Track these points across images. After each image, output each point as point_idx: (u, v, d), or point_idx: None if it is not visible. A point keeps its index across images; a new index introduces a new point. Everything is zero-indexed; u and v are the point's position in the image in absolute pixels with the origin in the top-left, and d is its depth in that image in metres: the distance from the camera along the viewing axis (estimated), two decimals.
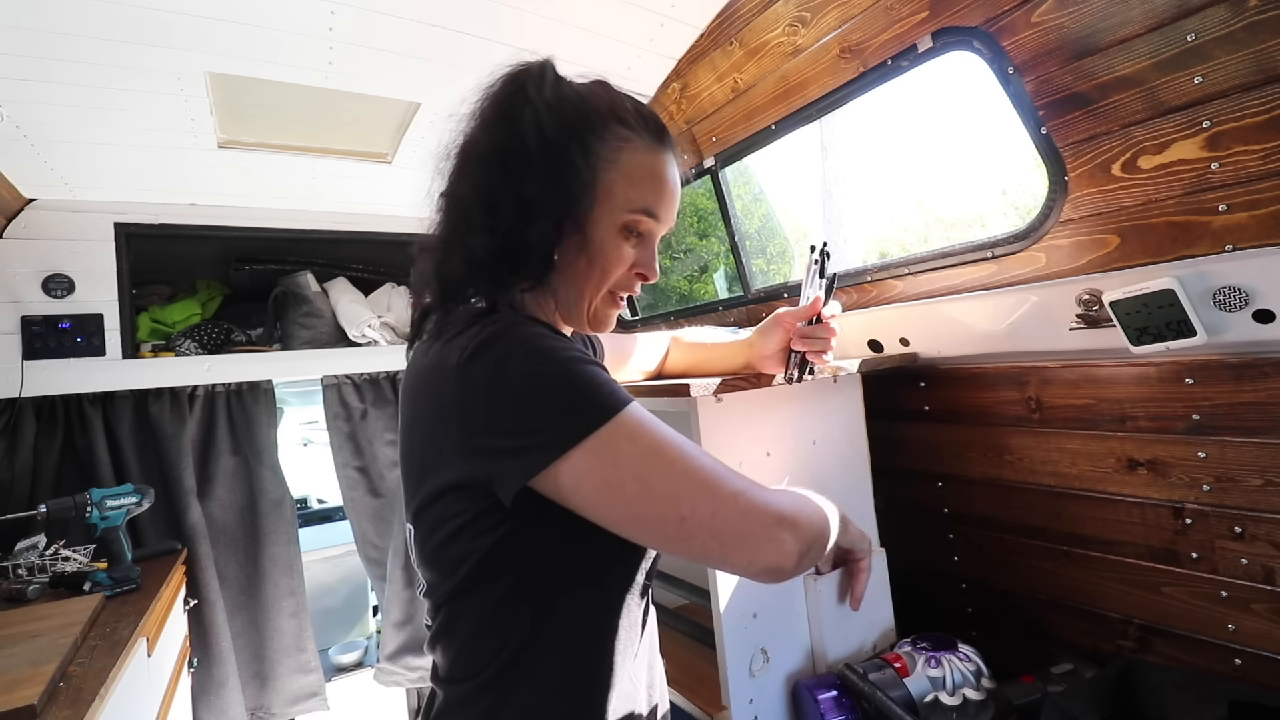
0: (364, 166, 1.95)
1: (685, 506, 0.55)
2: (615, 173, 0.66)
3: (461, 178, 0.67)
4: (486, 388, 0.55)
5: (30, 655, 1.06)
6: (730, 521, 0.55)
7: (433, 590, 0.65)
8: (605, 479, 0.54)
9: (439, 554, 0.62)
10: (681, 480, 0.55)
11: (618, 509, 0.56)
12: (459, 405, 0.56)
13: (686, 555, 0.57)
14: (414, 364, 0.67)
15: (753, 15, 1.32)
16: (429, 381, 0.61)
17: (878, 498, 1.27)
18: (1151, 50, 0.83)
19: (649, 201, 0.67)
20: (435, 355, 0.61)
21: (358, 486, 2.36)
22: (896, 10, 1.10)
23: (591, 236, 0.66)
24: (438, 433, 0.59)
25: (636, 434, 0.55)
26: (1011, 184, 10.70)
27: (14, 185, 1.73)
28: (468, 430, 0.56)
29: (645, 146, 0.67)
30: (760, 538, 0.56)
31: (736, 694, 1.04)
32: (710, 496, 0.55)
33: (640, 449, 0.55)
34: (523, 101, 0.64)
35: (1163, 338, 0.91)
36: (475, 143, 0.67)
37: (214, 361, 2.08)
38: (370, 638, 3.04)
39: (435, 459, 0.60)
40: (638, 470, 0.55)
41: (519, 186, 0.63)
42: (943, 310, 1.23)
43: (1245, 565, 0.95)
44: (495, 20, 1.32)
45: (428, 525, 0.63)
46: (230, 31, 1.23)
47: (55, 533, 1.67)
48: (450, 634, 0.64)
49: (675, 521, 0.55)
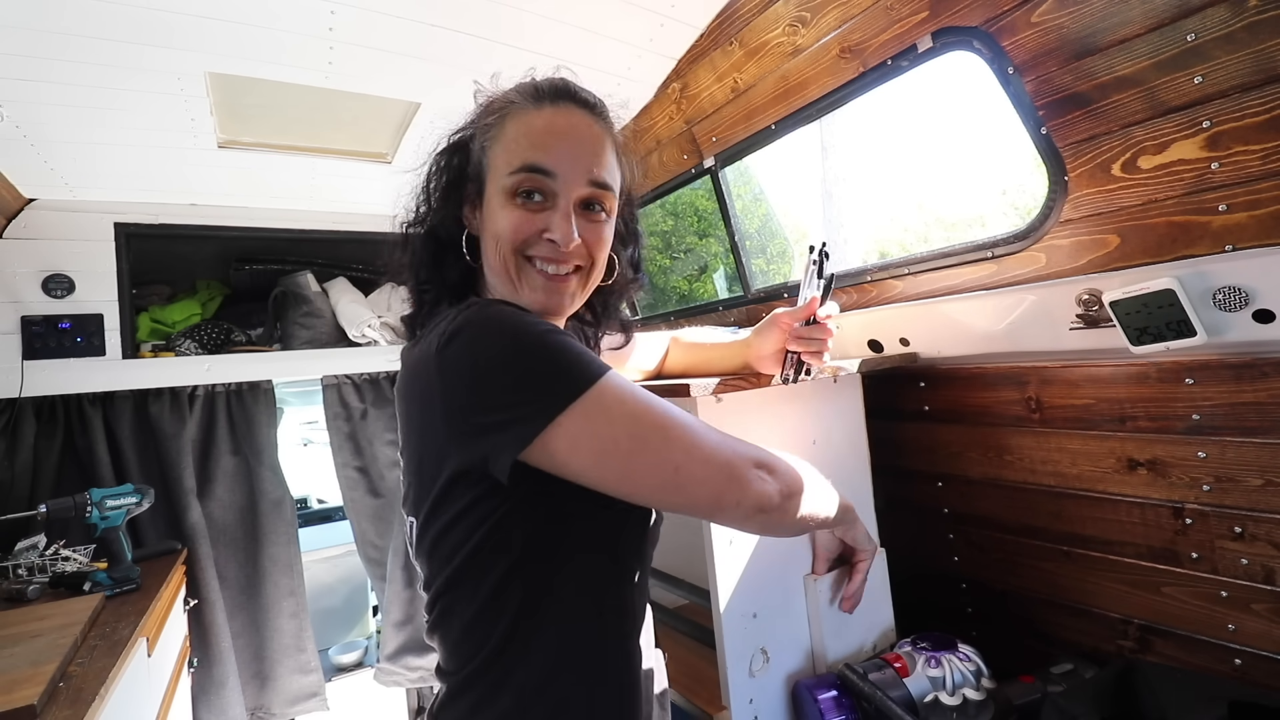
0: (364, 166, 1.95)
1: (679, 455, 0.58)
2: (497, 146, 0.69)
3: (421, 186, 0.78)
4: (467, 368, 0.56)
5: (30, 655, 1.06)
6: (719, 465, 0.59)
7: (431, 582, 0.66)
8: (599, 437, 0.56)
9: (436, 545, 0.63)
10: (673, 432, 0.58)
11: (613, 466, 0.57)
12: (443, 390, 0.57)
13: (681, 506, 0.60)
14: (404, 363, 0.69)
15: (753, 15, 1.32)
16: (416, 374, 0.63)
17: (878, 498, 1.27)
18: (1151, 50, 0.83)
19: (526, 157, 0.67)
20: (419, 349, 0.63)
21: (358, 486, 2.36)
22: (896, 10, 1.10)
23: (486, 210, 0.70)
24: (428, 423, 0.60)
25: (623, 395, 0.58)
26: (1011, 184, 10.70)
27: (14, 185, 1.73)
28: (455, 413, 0.57)
29: (520, 109, 0.69)
30: (745, 478, 0.60)
31: (736, 694, 1.04)
32: (700, 445, 0.59)
33: (630, 408, 0.57)
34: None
35: (1163, 338, 0.91)
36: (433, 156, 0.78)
37: (214, 361, 2.08)
38: (370, 638, 3.04)
39: (430, 450, 0.61)
40: (630, 427, 0.57)
41: (429, 189, 0.74)
42: (943, 310, 1.23)
43: (1245, 565, 0.95)
44: (495, 20, 1.32)
45: (426, 517, 0.63)
46: (230, 31, 1.23)
47: (55, 533, 1.67)
48: (448, 623, 0.65)
49: (670, 470, 0.58)
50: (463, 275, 0.73)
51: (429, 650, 2.39)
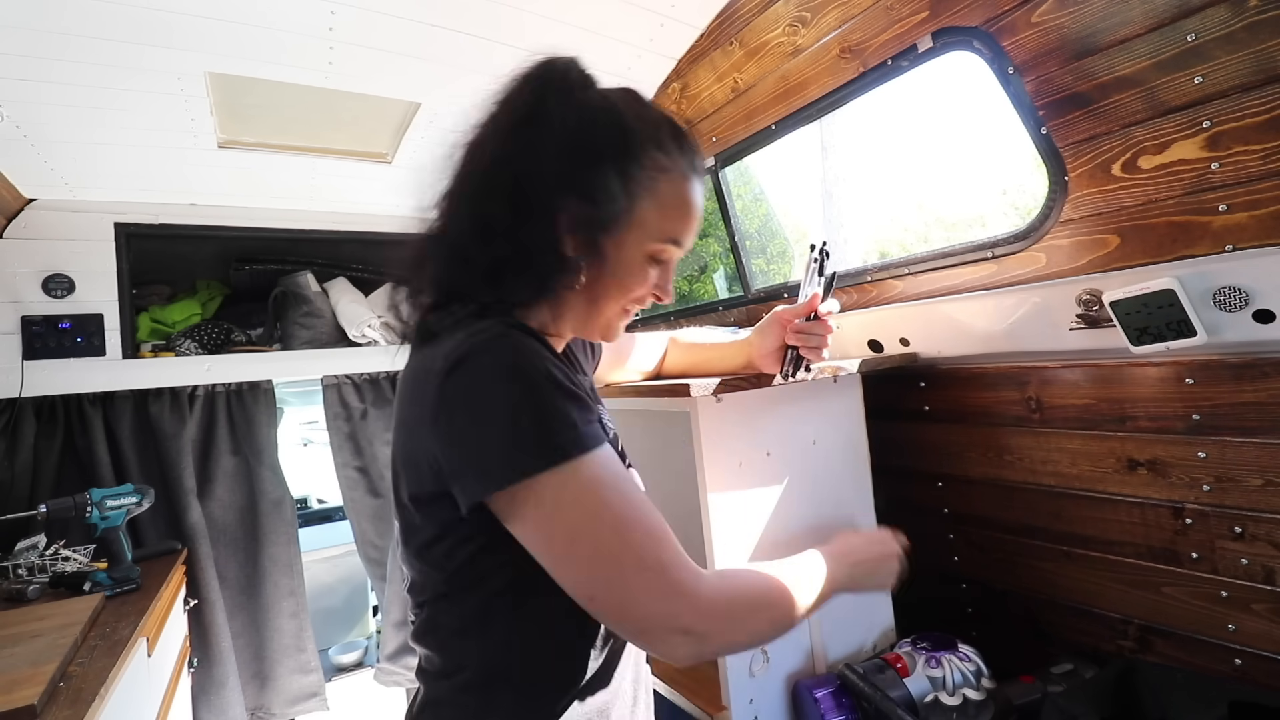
0: (364, 166, 1.95)
1: (598, 590, 0.55)
2: (650, 201, 0.65)
3: (474, 185, 0.65)
4: (460, 404, 0.55)
5: (30, 655, 1.06)
6: (633, 620, 0.56)
7: (417, 589, 0.66)
8: (540, 529, 0.55)
9: (421, 556, 0.63)
10: (604, 565, 0.55)
11: (542, 554, 0.56)
12: (435, 417, 0.56)
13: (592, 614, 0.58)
14: (408, 364, 0.67)
15: (753, 15, 1.32)
16: (416, 383, 0.61)
17: (878, 498, 1.27)
18: (1151, 50, 0.83)
19: (678, 231, 0.68)
20: (424, 358, 0.61)
21: (358, 486, 2.36)
22: (896, 10, 1.10)
23: (619, 260, 0.65)
24: (418, 439, 0.59)
25: (583, 494, 0.55)
26: (1011, 184, 10.70)
27: (14, 185, 1.73)
28: (441, 440, 0.56)
29: (681, 175, 0.67)
30: (656, 641, 0.56)
31: (736, 694, 1.04)
32: (625, 590, 0.55)
33: (579, 515, 0.54)
34: (546, 116, 0.62)
35: (1163, 338, 0.91)
36: (494, 151, 0.64)
37: (214, 361, 2.08)
38: (370, 638, 3.04)
39: (416, 464, 0.60)
40: (570, 535, 0.55)
41: (541, 205, 0.61)
42: (943, 310, 1.23)
43: (1245, 565, 0.95)
44: (495, 20, 1.32)
45: (409, 526, 0.63)
46: (230, 31, 1.23)
47: (55, 533, 1.67)
48: (432, 633, 0.65)
49: (585, 597, 0.56)
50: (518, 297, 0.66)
51: None
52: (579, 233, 0.62)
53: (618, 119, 0.64)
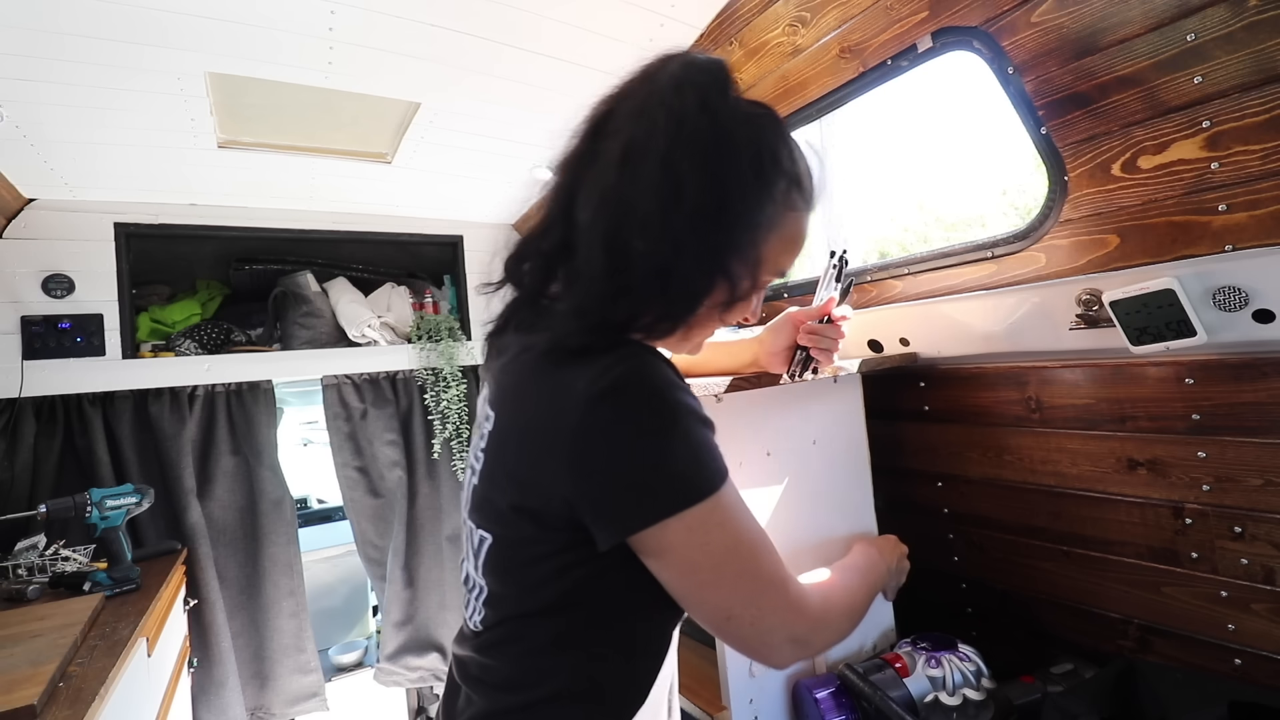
0: (364, 166, 1.95)
1: (736, 607, 0.58)
2: (777, 237, 0.63)
3: (646, 201, 0.56)
4: (611, 435, 0.54)
5: (30, 655, 1.06)
6: (760, 632, 0.59)
7: (497, 601, 0.64)
8: (687, 557, 0.56)
9: (515, 572, 0.62)
10: (745, 584, 0.58)
11: (683, 584, 0.58)
12: (579, 443, 0.54)
13: (716, 635, 0.62)
14: (516, 363, 0.63)
15: (752, 15, 1.32)
16: (547, 397, 0.57)
17: (878, 498, 1.27)
18: (1151, 50, 0.83)
19: (789, 264, 0.68)
20: (555, 371, 0.57)
21: (358, 486, 2.36)
22: (896, 10, 1.10)
23: (739, 289, 0.62)
24: (546, 458, 0.57)
25: (726, 520, 0.57)
26: (1011, 184, 10.69)
27: (14, 185, 1.73)
28: (582, 471, 0.55)
29: (807, 213, 0.66)
30: (773, 650, 0.60)
31: (736, 694, 1.04)
32: (758, 606, 0.58)
33: (725, 539, 0.57)
34: (731, 147, 0.57)
35: (1163, 338, 0.91)
36: (681, 175, 0.55)
37: (214, 361, 2.08)
38: (370, 638, 3.04)
39: (535, 481, 0.58)
40: (716, 560, 0.57)
41: (710, 231, 0.57)
42: (943, 310, 1.23)
43: (1245, 565, 0.95)
44: (495, 20, 1.32)
45: (509, 541, 0.62)
46: (230, 31, 1.23)
47: (55, 533, 1.67)
48: (511, 647, 0.64)
49: (722, 616, 0.58)
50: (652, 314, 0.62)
51: (429, 650, 2.39)
52: (736, 266, 0.60)
53: (787, 158, 0.62)
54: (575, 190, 0.61)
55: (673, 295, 0.59)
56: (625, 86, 0.62)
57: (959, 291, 1.21)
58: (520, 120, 1.72)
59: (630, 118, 0.58)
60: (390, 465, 2.36)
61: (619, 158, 0.57)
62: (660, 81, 0.58)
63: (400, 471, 2.35)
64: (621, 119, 0.59)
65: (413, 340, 2.41)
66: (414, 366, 2.41)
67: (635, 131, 0.57)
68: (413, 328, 2.42)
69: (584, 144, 0.63)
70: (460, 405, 2.42)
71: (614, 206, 0.57)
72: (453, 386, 2.41)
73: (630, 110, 0.59)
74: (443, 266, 2.64)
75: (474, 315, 2.58)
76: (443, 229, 2.52)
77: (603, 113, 0.62)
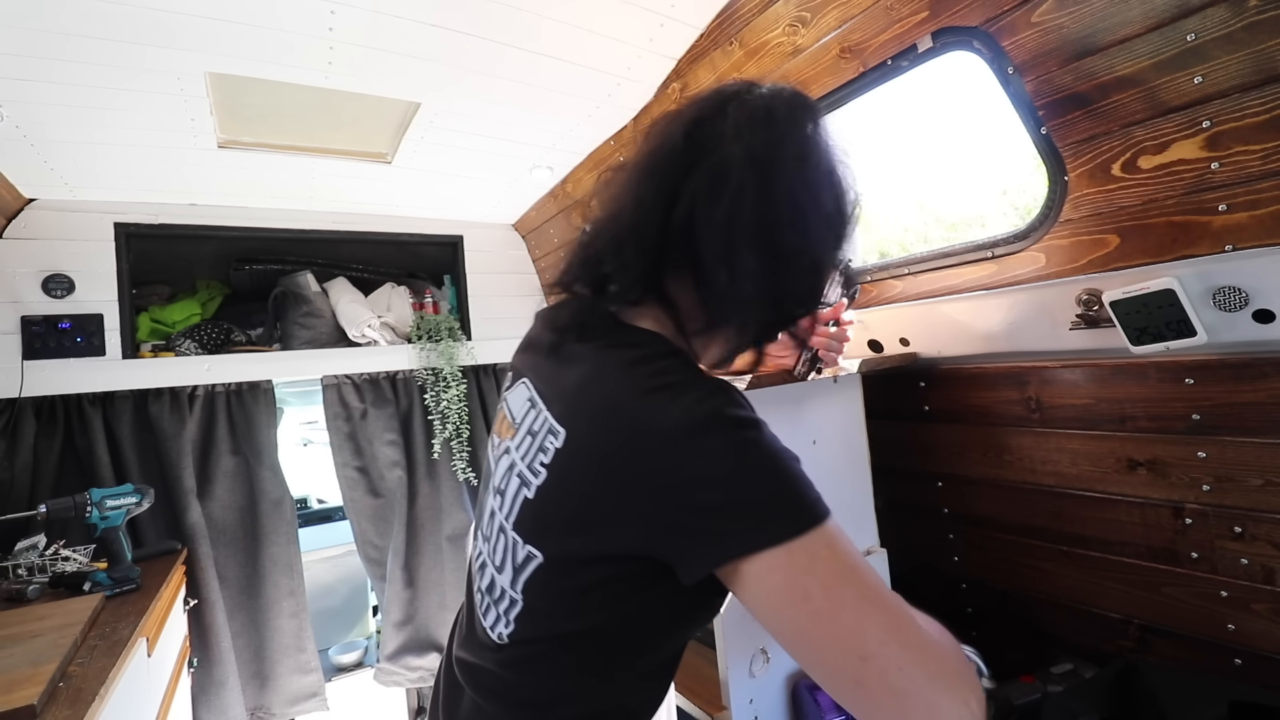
0: (364, 166, 1.95)
1: (872, 643, 0.47)
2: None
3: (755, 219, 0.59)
4: (708, 467, 0.51)
5: (30, 655, 1.06)
6: (917, 682, 0.46)
7: (536, 618, 0.61)
8: (791, 582, 0.49)
9: (566, 595, 0.59)
10: (873, 611, 0.48)
11: (793, 619, 0.50)
12: (668, 476, 0.51)
13: (847, 701, 0.49)
14: (597, 381, 0.59)
15: (753, 15, 1.32)
16: (631, 425, 0.54)
17: (878, 497, 1.27)
18: (1151, 50, 0.83)
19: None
20: (643, 400, 0.55)
21: (358, 486, 2.36)
22: (896, 10, 1.10)
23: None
24: (630, 490, 0.53)
25: (836, 546, 0.50)
26: (1011, 184, 10.67)
27: (14, 185, 1.73)
28: (670, 503, 0.52)
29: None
30: (946, 711, 0.46)
31: (736, 694, 1.04)
32: (901, 643, 0.47)
33: (838, 563, 0.50)
34: (823, 162, 0.63)
35: (1163, 338, 0.91)
36: (794, 197, 0.61)
37: (214, 361, 2.08)
38: (370, 638, 3.04)
39: (611, 512, 0.54)
40: (829, 583, 0.49)
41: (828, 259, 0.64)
42: (943, 310, 1.23)
43: (1245, 565, 0.95)
44: (496, 20, 1.32)
45: (563, 564, 0.58)
46: (230, 31, 1.23)
47: (55, 533, 1.67)
48: (543, 665, 0.62)
49: (856, 657, 0.47)
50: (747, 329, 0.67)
51: (429, 650, 2.39)
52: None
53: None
54: (676, 196, 0.61)
55: (806, 296, 0.64)
56: (709, 103, 0.65)
57: (959, 291, 1.21)
58: (520, 120, 1.72)
59: (746, 126, 0.61)
60: (390, 465, 2.35)
61: (746, 164, 0.59)
62: (762, 98, 0.63)
63: (400, 471, 2.35)
64: (733, 126, 0.61)
65: (413, 340, 2.40)
66: (414, 366, 2.41)
67: (756, 139, 0.60)
68: (413, 328, 2.42)
69: (680, 153, 0.63)
70: (460, 405, 2.42)
71: (759, 210, 0.59)
72: (453, 386, 2.41)
73: (742, 120, 0.62)
74: (443, 266, 2.64)
75: (474, 315, 2.58)
76: (443, 229, 2.52)
77: (694, 121, 0.64)
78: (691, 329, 0.66)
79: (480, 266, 2.61)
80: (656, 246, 0.62)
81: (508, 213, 2.53)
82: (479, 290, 2.61)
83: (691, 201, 0.60)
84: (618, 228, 0.65)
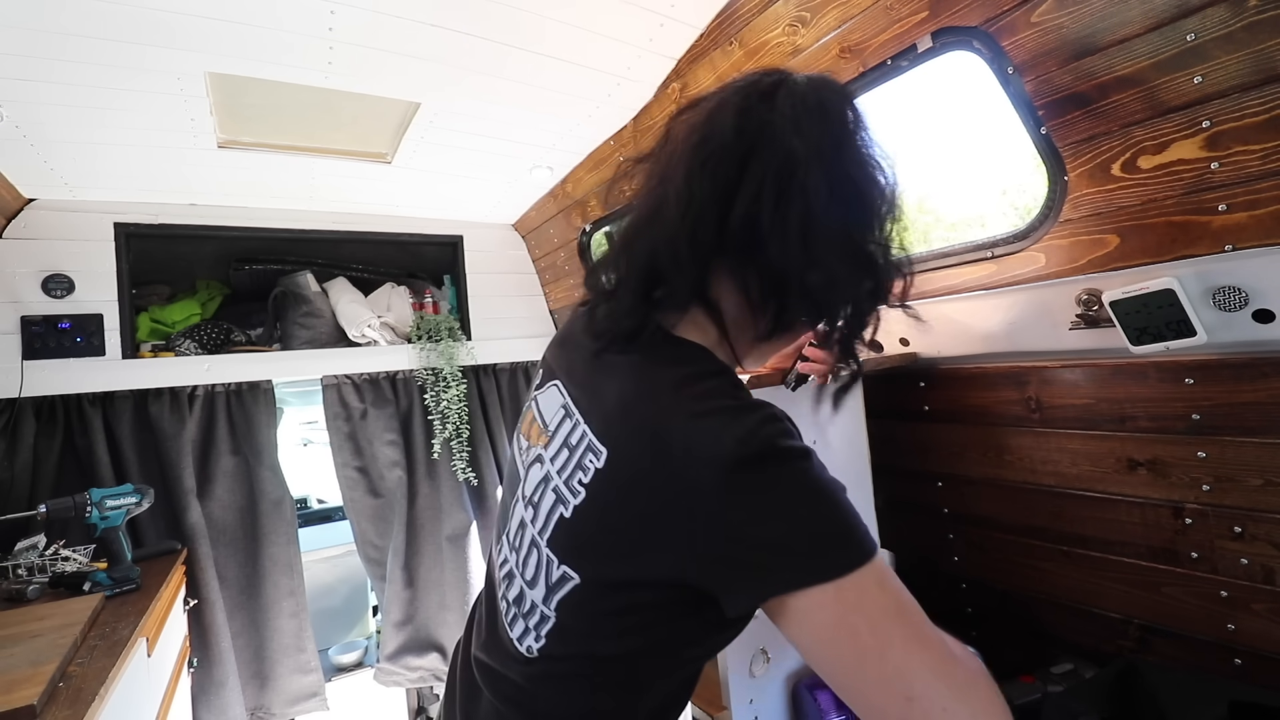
0: (364, 166, 1.95)
1: (918, 684, 0.46)
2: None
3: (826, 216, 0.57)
4: (760, 500, 0.49)
5: (30, 655, 1.06)
6: (971, 711, 0.46)
7: (569, 636, 0.59)
8: (839, 620, 0.48)
9: (602, 617, 0.57)
10: (920, 651, 0.47)
11: (839, 657, 0.49)
12: (714, 508, 0.50)
13: None
14: (641, 399, 0.57)
15: (752, 15, 1.32)
16: (684, 453, 0.51)
17: (878, 497, 1.28)
18: (1151, 50, 0.83)
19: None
20: (694, 423, 0.52)
21: (358, 486, 2.36)
22: (896, 10, 1.10)
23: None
24: (679, 518, 0.51)
25: (885, 583, 0.49)
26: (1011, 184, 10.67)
27: (14, 185, 1.73)
28: (719, 535, 0.50)
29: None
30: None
31: (737, 694, 1.04)
32: (946, 684, 0.47)
33: (887, 600, 0.49)
34: (874, 152, 0.62)
35: (1162, 338, 0.91)
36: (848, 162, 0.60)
37: (214, 361, 2.08)
38: (370, 638, 3.04)
39: (657, 540, 0.53)
40: (877, 621, 0.48)
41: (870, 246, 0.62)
42: (943, 310, 1.23)
43: (1245, 565, 0.95)
44: (495, 19, 1.32)
45: (602, 588, 0.56)
46: (230, 31, 1.23)
47: (55, 533, 1.67)
48: (573, 683, 0.61)
49: (902, 698, 0.46)
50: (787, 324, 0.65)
51: (429, 650, 2.39)
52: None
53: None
54: (732, 191, 0.58)
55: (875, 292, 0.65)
56: (751, 92, 0.61)
57: (959, 291, 1.21)
58: (520, 120, 1.72)
59: (804, 118, 0.58)
60: (390, 465, 2.35)
61: (813, 159, 0.57)
62: (810, 88, 0.61)
63: (400, 471, 2.35)
64: (789, 119, 0.58)
65: (413, 340, 2.41)
66: (414, 366, 2.41)
67: (817, 133, 0.58)
68: (413, 328, 2.42)
69: (730, 145, 0.59)
70: (460, 405, 2.42)
71: (831, 207, 0.57)
72: (453, 386, 2.41)
73: (798, 112, 0.58)
74: (443, 266, 2.64)
75: (474, 315, 2.58)
76: (443, 229, 2.52)
77: (741, 111, 0.60)
78: (737, 335, 0.64)
79: (480, 266, 2.61)
80: (713, 247, 0.59)
81: (508, 213, 2.53)
82: (479, 290, 2.61)
83: (753, 198, 0.57)
84: (667, 225, 0.60)
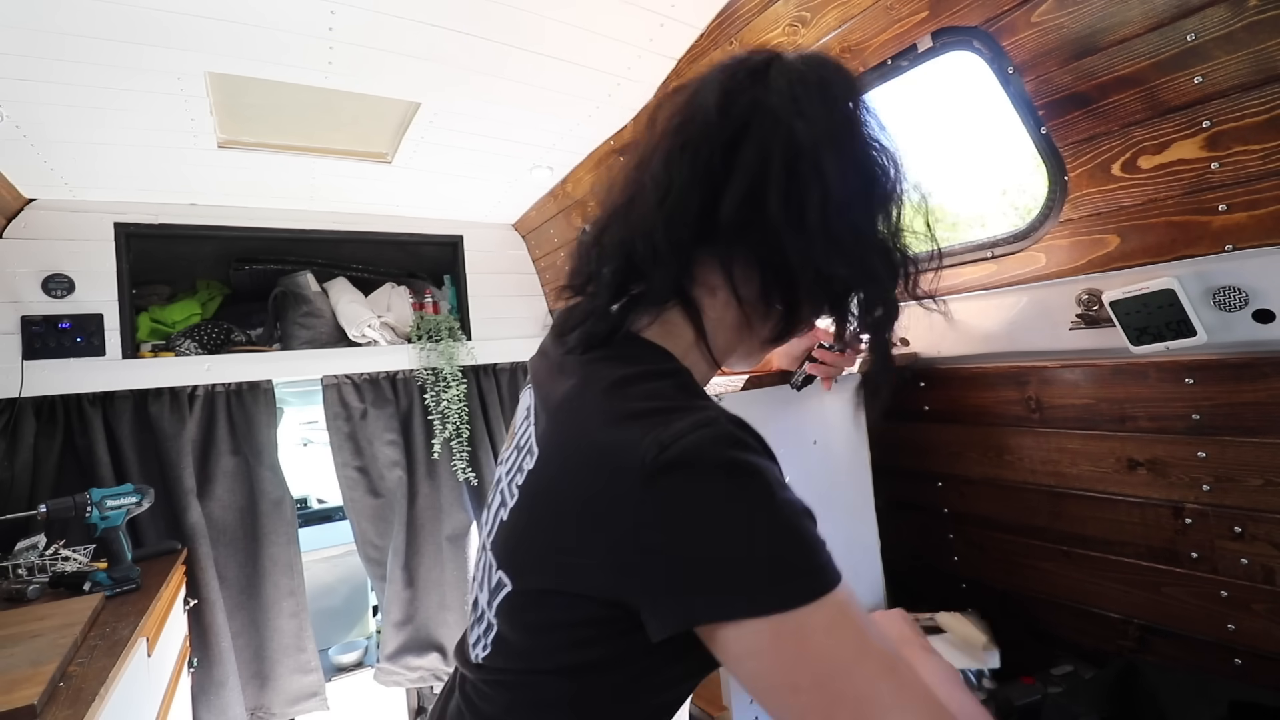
0: (364, 166, 1.95)
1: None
2: None
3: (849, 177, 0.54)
4: (675, 512, 0.43)
5: (30, 655, 1.06)
6: None
7: (508, 648, 0.55)
8: (775, 669, 0.42)
9: (534, 629, 0.53)
10: (881, 714, 0.40)
11: (776, 708, 0.42)
12: (624, 517, 0.44)
13: None
14: (567, 393, 0.53)
15: (753, 15, 1.32)
16: (600, 456, 0.47)
17: (878, 497, 1.27)
18: (1151, 50, 0.83)
19: None
20: (618, 426, 0.47)
21: (358, 486, 2.36)
22: (896, 10, 1.10)
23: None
24: (594, 528, 0.46)
25: (836, 627, 0.41)
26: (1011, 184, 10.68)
27: (14, 185, 1.73)
28: (629, 546, 0.44)
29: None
30: None
31: (738, 694, 1.04)
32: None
33: (837, 649, 0.41)
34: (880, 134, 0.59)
35: (1162, 338, 0.91)
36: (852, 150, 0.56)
37: (214, 361, 2.08)
38: (370, 638, 3.04)
39: (576, 549, 0.48)
40: (822, 676, 0.41)
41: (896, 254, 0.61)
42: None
43: (1245, 565, 0.95)
44: (495, 19, 1.32)
45: (530, 597, 0.52)
46: (230, 31, 1.23)
47: (55, 533, 1.67)
48: (521, 694, 0.56)
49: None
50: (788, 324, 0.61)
51: (429, 650, 2.39)
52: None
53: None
54: (719, 177, 0.53)
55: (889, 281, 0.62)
56: (739, 71, 0.56)
57: (959, 291, 1.21)
58: (521, 120, 1.72)
59: (803, 97, 0.54)
60: (390, 465, 2.35)
61: (822, 142, 0.52)
62: (808, 66, 0.57)
63: (400, 471, 2.35)
64: (786, 98, 0.54)
65: (413, 340, 2.41)
66: (414, 366, 2.41)
67: (822, 113, 0.54)
68: (413, 328, 2.42)
69: (715, 126, 0.54)
70: (460, 405, 2.42)
71: (846, 193, 0.53)
72: (453, 386, 2.41)
73: (797, 91, 0.54)
74: (443, 266, 2.64)
75: (474, 315, 2.58)
76: (443, 229, 2.52)
77: (727, 92, 0.55)
78: (717, 334, 0.59)
79: (480, 266, 2.61)
80: (694, 237, 0.53)
81: (508, 213, 2.53)
82: (479, 290, 2.61)
83: (751, 184, 0.52)
84: (641, 216, 0.55)
